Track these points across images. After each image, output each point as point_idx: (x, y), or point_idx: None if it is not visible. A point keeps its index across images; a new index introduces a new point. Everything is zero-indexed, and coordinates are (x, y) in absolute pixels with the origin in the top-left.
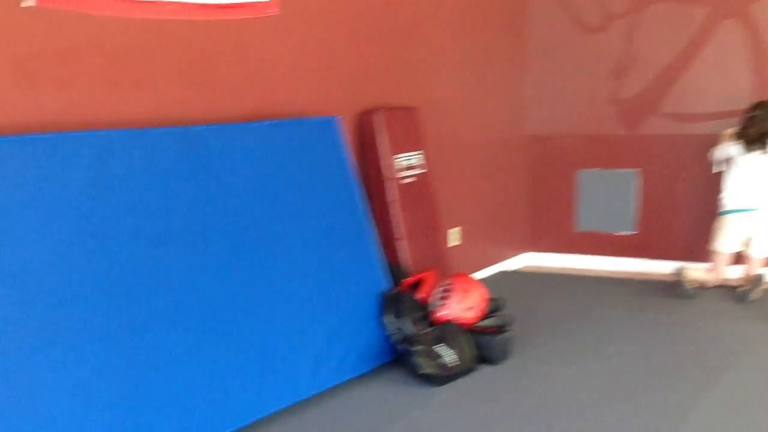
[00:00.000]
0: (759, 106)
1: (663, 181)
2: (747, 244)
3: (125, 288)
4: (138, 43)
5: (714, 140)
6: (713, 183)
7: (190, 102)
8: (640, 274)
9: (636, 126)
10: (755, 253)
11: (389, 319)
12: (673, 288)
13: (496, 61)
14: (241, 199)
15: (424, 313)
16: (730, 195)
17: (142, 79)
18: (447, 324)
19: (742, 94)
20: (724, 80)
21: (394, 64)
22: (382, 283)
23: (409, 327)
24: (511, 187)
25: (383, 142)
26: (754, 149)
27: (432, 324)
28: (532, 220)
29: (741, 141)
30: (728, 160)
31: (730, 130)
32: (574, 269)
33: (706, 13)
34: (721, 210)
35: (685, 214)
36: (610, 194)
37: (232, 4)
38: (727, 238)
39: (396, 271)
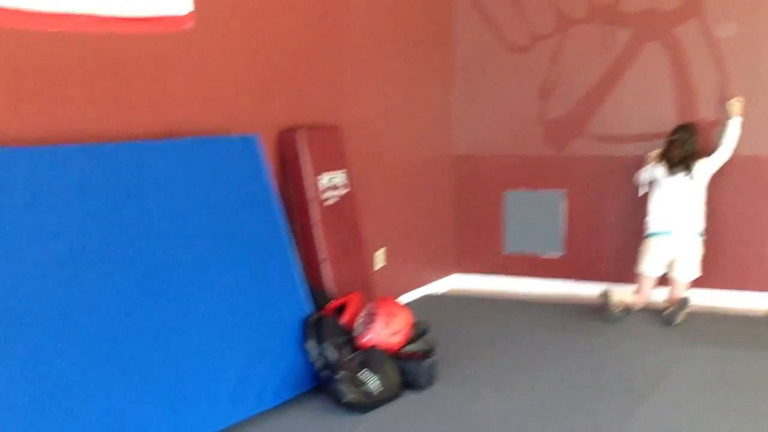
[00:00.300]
0: (682, 128)
1: (589, 202)
2: (671, 267)
3: (23, 312)
4: (46, 57)
5: (639, 162)
6: (639, 205)
7: (103, 119)
8: (567, 296)
9: (563, 147)
10: (679, 276)
11: (311, 345)
12: (599, 311)
13: (422, 80)
14: (156, 220)
15: (347, 338)
16: (654, 218)
17: (49, 93)
18: (371, 349)
19: (666, 117)
20: (648, 102)
21: (317, 81)
22: (305, 307)
23: (332, 353)
24: (438, 208)
25: (305, 161)
26: (678, 172)
27: (356, 349)
28: (458, 241)
29: (664, 164)
30: (652, 183)
31: (655, 152)
32: (502, 292)
33: (629, 35)
34: (646, 233)
35: (612, 236)
36: (538, 215)
37: (145, 17)
38: (651, 261)
39: (319, 295)
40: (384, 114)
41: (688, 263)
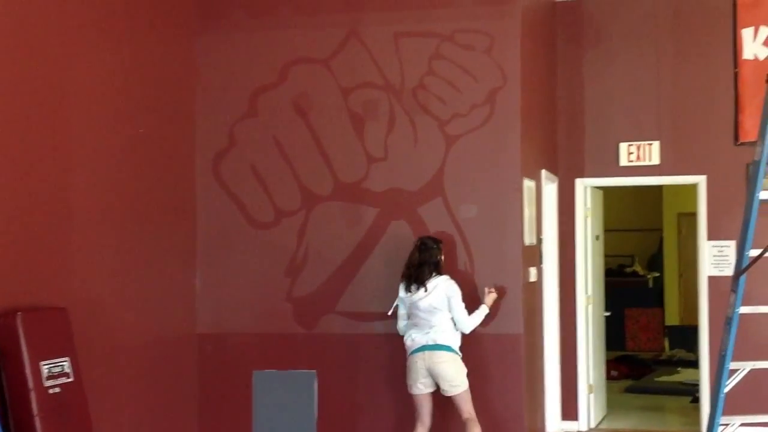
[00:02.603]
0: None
1: (342, 382)
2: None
3: None
4: None
5: (391, 340)
6: (393, 384)
7: None
8: None
9: (313, 325)
10: (446, 390)
11: None
12: None
13: (162, 256)
14: None
15: None
16: (409, 336)
17: None
18: None
19: None
20: (396, 279)
21: (38, 260)
22: None
23: None
24: (179, 391)
25: (24, 349)
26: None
27: None
28: (203, 426)
29: (403, 282)
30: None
31: None
32: None
33: (375, 213)
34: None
35: (365, 417)
36: (289, 397)
37: None
38: (414, 379)
39: None
40: (117, 293)
41: (449, 377)
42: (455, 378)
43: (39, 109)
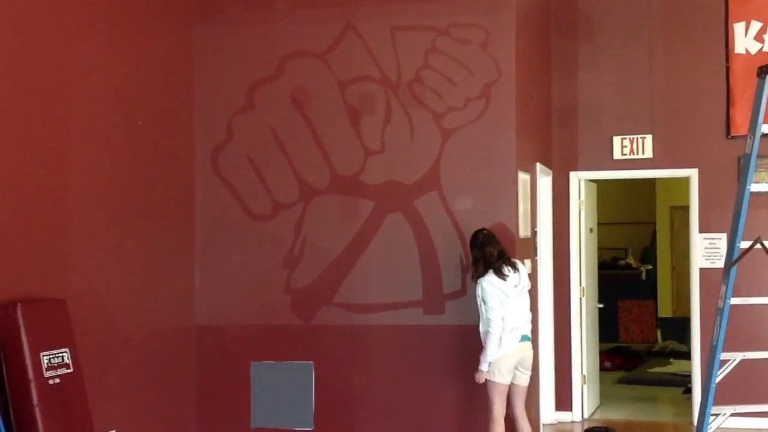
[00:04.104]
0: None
1: (339, 373)
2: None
3: None
4: None
5: (386, 331)
6: (390, 375)
7: None
8: None
9: (310, 317)
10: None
11: None
12: None
13: (160, 248)
14: None
15: None
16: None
17: None
18: None
19: (412, 285)
20: (393, 271)
21: (37, 252)
22: None
23: None
24: (178, 383)
25: (24, 339)
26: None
27: None
28: (202, 417)
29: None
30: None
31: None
32: None
33: (371, 206)
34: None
35: (361, 408)
36: (287, 388)
37: None
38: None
39: None
40: (116, 284)
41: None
42: None
43: (37, 102)
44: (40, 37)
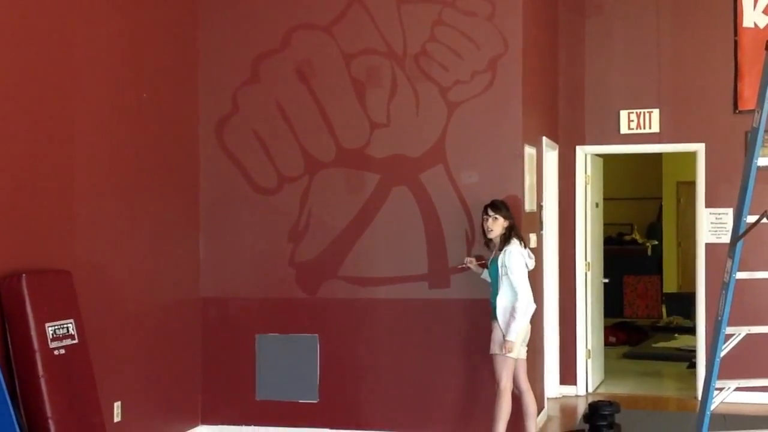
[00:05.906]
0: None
1: (344, 346)
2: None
3: None
4: None
5: (391, 305)
6: (395, 348)
7: None
8: None
9: (315, 290)
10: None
11: None
12: None
13: (165, 220)
14: None
15: None
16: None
17: None
18: None
19: (417, 259)
20: (398, 245)
21: (42, 224)
22: None
23: None
24: (183, 355)
25: (29, 310)
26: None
27: None
28: (207, 390)
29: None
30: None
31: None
32: None
33: (377, 179)
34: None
35: (366, 381)
36: (292, 360)
37: None
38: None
39: None
40: (121, 256)
41: None
42: None
43: (42, 74)
44: (44, 8)
